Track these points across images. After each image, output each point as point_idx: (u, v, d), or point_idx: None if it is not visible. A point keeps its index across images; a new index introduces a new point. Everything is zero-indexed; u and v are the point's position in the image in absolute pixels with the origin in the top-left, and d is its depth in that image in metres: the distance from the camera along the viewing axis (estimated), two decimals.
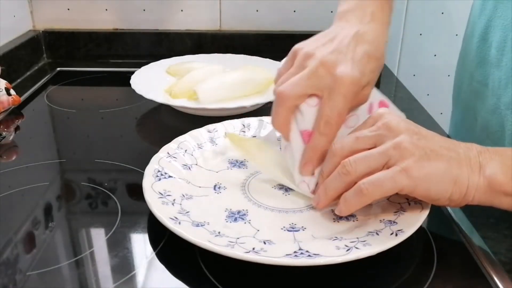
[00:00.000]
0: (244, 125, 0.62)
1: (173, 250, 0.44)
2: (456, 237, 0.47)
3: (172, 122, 0.73)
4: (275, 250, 0.41)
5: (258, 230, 0.45)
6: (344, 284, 0.42)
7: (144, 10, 1.00)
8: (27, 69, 0.93)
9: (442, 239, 0.47)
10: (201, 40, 1.01)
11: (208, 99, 0.72)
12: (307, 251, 0.40)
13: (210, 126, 0.61)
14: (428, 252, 0.44)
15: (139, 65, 0.83)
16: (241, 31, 1.02)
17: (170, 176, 0.51)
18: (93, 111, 0.77)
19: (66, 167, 0.61)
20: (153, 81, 0.79)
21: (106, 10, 1.00)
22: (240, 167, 0.56)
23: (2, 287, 0.40)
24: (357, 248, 0.40)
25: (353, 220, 0.46)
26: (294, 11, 1.01)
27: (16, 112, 0.75)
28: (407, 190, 0.41)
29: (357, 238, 0.42)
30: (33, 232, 0.47)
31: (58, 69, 0.95)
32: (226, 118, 0.64)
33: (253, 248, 0.40)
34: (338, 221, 0.46)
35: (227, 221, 0.46)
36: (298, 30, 1.01)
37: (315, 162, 0.48)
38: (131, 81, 0.75)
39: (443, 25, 1.02)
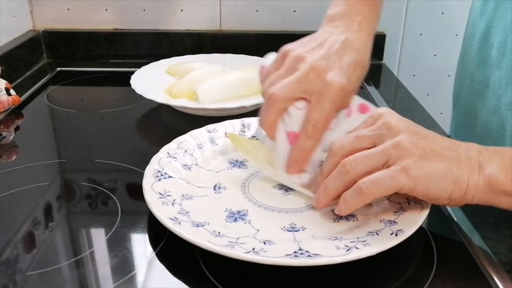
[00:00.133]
0: (244, 125, 0.62)
1: (173, 250, 0.44)
2: (456, 237, 0.47)
3: (172, 122, 0.73)
4: (275, 250, 0.41)
5: (258, 230, 0.45)
6: (344, 284, 0.42)
7: (144, 10, 1.00)
8: (27, 69, 0.93)
9: (442, 239, 0.47)
10: (201, 40, 1.01)
11: (208, 99, 0.72)
12: (307, 251, 0.40)
13: (210, 126, 0.61)
14: (428, 252, 0.44)
15: (139, 65, 0.83)
16: (241, 31, 1.02)
17: (170, 176, 0.51)
18: (93, 111, 0.77)
19: (66, 167, 0.61)
20: (153, 81, 0.79)
21: (106, 10, 1.00)
22: (240, 167, 0.56)
23: (2, 287, 0.40)
24: (357, 248, 0.40)
25: (353, 220, 0.46)
26: (294, 11, 1.01)
27: (16, 112, 0.75)
28: (407, 189, 0.41)
29: (357, 238, 0.42)
30: (33, 232, 0.47)
31: (58, 69, 0.95)
32: (226, 118, 0.64)
33: (253, 248, 0.40)
34: (338, 221, 0.46)
35: (227, 221, 0.46)
36: (298, 30, 1.00)
37: (301, 163, 0.49)
38: (131, 81, 0.75)
39: (443, 25, 1.02)
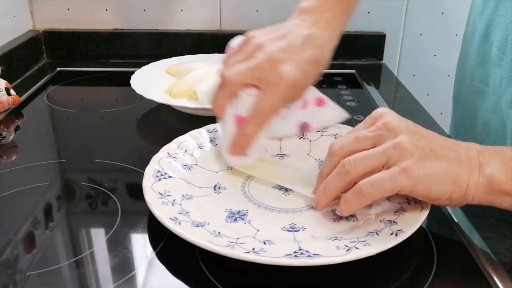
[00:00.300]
0: None
1: (173, 250, 0.44)
2: (456, 237, 0.47)
3: (172, 122, 0.73)
4: (275, 250, 0.41)
5: (258, 230, 0.45)
6: (344, 284, 0.42)
7: (144, 10, 1.00)
8: (27, 69, 0.93)
9: (442, 239, 0.47)
10: (201, 40, 1.01)
11: (208, 99, 0.72)
12: (307, 251, 0.40)
13: (210, 126, 0.61)
14: (428, 252, 0.44)
15: (139, 65, 0.83)
16: (241, 31, 1.00)
17: (170, 176, 0.51)
18: (93, 111, 0.77)
19: (66, 167, 0.61)
20: (153, 81, 0.78)
21: (106, 10, 1.00)
22: None
23: (2, 287, 0.40)
24: (357, 248, 0.40)
25: (353, 220, 0.46)
26: (294, 11, 1.01)
27: (16, 112, 0.75)
28: (407, 190, 0.41)
29: (357, 238, 0.42)
30: (33, 232, 0.47)
31: (58, 69, 0.95)
32: None
33: (253, 248, 0.40)
34: (338, 221, 0.46)
35: (227, 221, 0.46)
36: None
37: (243, 147, 0.52)
38: (131, 81, 0.75)
39: (443, 25, 1.02)
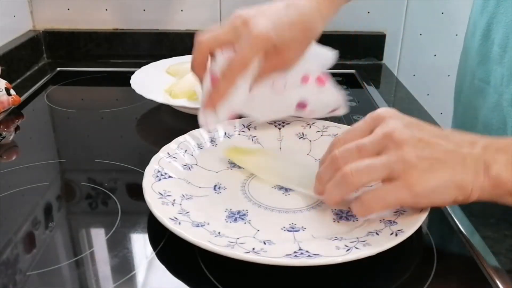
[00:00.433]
0: (244, 125, 0.62)
1: (173, 250, 0.44)
2: (456, 237, 0.47)
3: (172, 122, 0.73)
4: (275, 250, 0.41)
5: (258, 230, 0.45)
6: (344, 284, 0.42)
7: (144, 10, 1.00)
8: (27, 69, 0.93)
9: (442, 239, 0.47)
10: None
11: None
12: (307, 251, 0.40)
13: None
14: (428, 252, 0.44)
15: (139, 65, 0.83)
16: None
17: (170, 176, 0.51)
18: (93, 111, 0.77)
19: (66, 167, 0.61)
20: (153, 81, 0.78)
21: (106, 10, 1.00)
22: (240, 167, 0.55)
23: (2, 287, 0.40)
24: (357, 248, 0.40)
25: (353, 220, 0.46)
26: None
27: (16, 112, 0.75)
28: (409, 204, 0.42)
29: (357, 238, 0.42)
30: (33, 232, 0.47)
31: (58, 69, 0.95)
32: None
33: (253, 248, 0.40)
34: (338, 221, 0.46)
35: (227, 221, 0.46)
36: None
37: (215, 102, 0.52)
38: (131, 81, 0.75)
39: (443, 25, 1.02)
